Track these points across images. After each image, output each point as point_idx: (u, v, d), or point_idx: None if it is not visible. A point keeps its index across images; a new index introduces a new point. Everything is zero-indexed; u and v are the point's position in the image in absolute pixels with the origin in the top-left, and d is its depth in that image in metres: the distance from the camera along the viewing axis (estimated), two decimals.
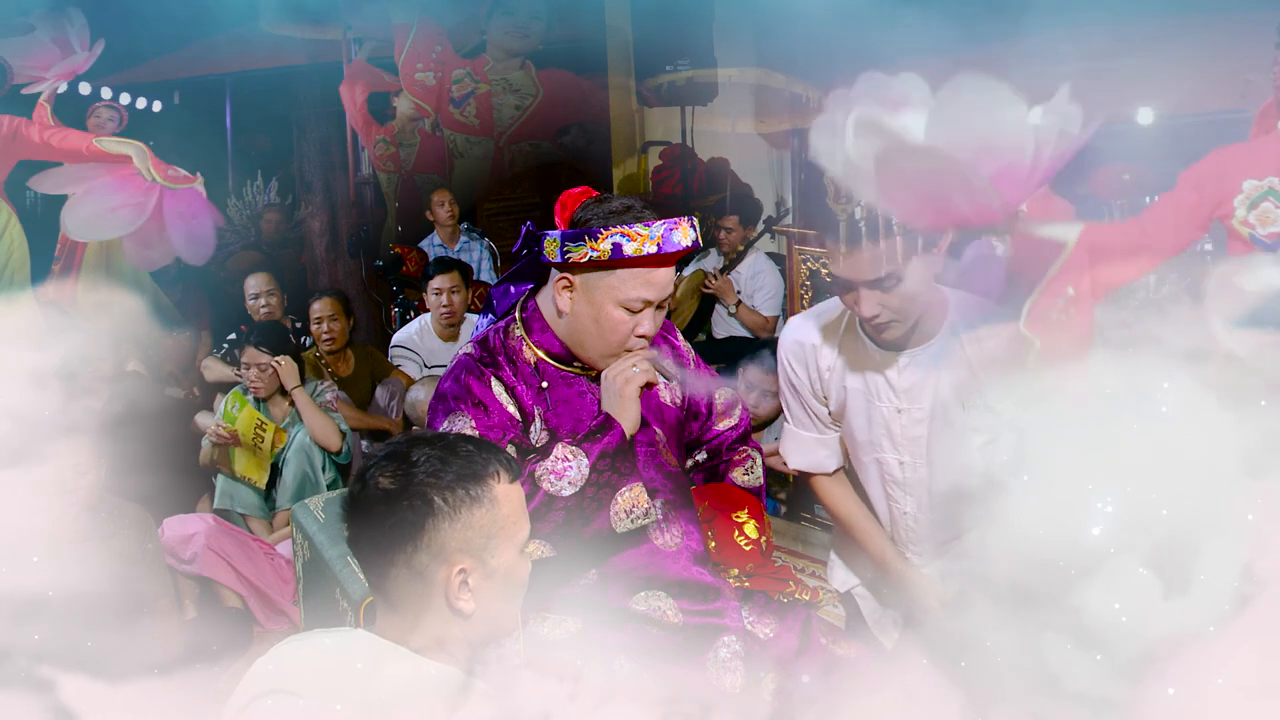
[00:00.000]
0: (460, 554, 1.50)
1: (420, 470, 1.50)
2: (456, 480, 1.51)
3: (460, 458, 1.53)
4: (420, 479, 1.50)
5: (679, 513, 2.23)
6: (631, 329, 2.08)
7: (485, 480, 1.52)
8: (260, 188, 6.74)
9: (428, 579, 1.50)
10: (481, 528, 1.51)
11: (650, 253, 2.01)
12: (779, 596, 2.28)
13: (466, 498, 1.50)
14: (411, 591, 1.51)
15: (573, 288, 2.09)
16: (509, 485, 1.56)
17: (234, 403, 4.04)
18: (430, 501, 1.49)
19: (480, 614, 1.53)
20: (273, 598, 3.69)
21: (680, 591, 2.17)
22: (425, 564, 1.50)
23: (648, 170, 6.42)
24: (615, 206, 2.05)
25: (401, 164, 6.72)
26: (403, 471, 1.51)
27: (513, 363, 2.14)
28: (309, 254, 6.72)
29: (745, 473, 2.41)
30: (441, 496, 1.49)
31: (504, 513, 1.54)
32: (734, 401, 2.45)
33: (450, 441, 1.56)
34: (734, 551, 2.27)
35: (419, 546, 1.49)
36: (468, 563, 1.50)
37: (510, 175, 6.84)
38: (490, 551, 1.52)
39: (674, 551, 2.20)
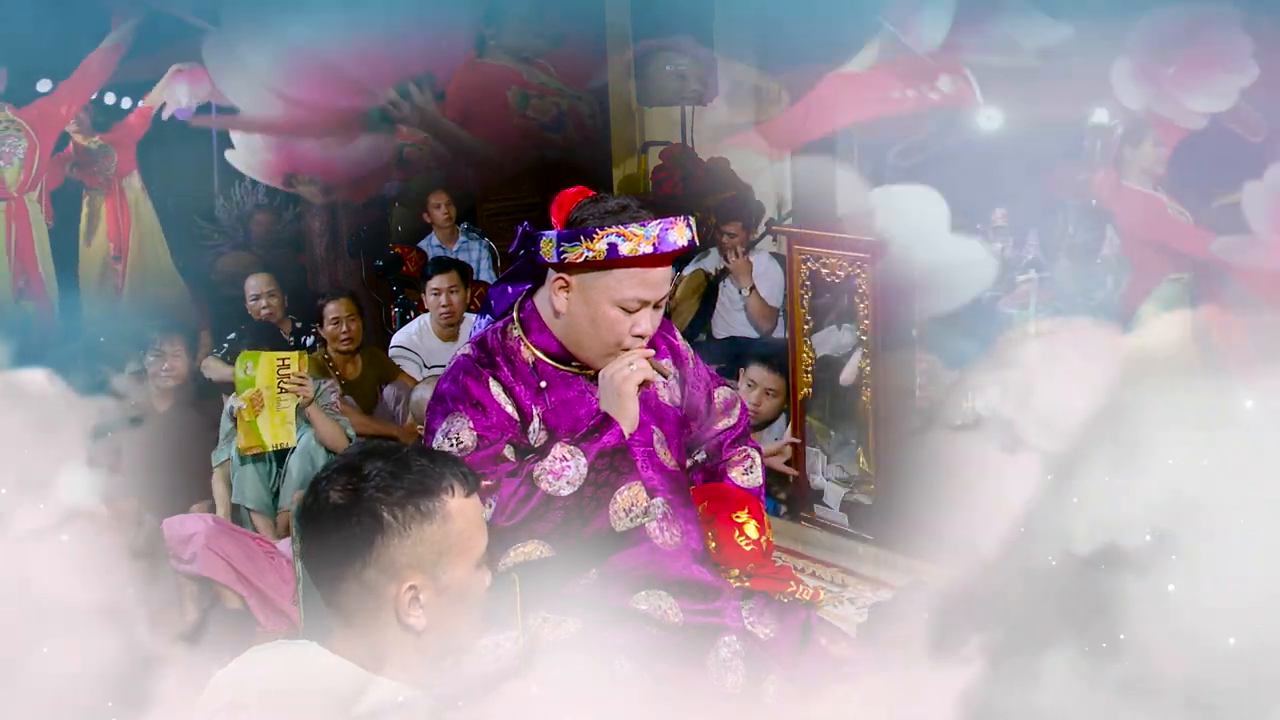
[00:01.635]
0: (411, 570, 1.47)
1: (370, 485, 1.47)
2: (407, 496, 1.47)
3: (412, 472, 1.49)
4: (370, 494, 1.47)
5: (679, 512, 2.23)
6: (629, 329, 2.08)
7: (438, 495, 1.49)
8: (248, 188, 6.73)
9: (378, 594, 1.47)
10: (433, 543, 1.48)
11: (646, 252, 2.01)
12: (779, 597, 2.28)
13: (417, 514, 1.47)
14: (363, 606, 1.49)
15: (569, 288, 2.09)
16: (463, 500, 1.52)
17: (245, 364, 3.97)
18: (379, 517, 1.46)
19: (433, 630, 1.50)
20: (273, 598, 3.69)
21: (681, 591, 2.17)
22: (375, 579, 1.47)
23: (648, 170, 6.42)
24: (611, 206, 2.05)
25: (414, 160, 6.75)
26: (353, 485, 1.48)
27: (511, 363, 2.14)
28: (309, 254, 6.71)
29: (744, 473, 2.41)
30: (391, 512, 1.46)
31: (457, 528, 1.50)
32: (733, 401, 2.45)
33: (403, 455, 1.53)
34: (735, 551, 2.27)
35: (368, 562, 1.46)
36: (418, 579, 1.47)
37: (510, 175, 6.84)
38: (442, 567, 1.49)
39: (674, 550, 2.20)
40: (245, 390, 3.94)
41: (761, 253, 5.33)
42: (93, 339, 5.15)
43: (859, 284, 3.71)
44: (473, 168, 6.71)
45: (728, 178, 6.08)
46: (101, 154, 6.23)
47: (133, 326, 4.73)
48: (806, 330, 3.91)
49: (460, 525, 1.51)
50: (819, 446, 4.01)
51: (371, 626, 1.50)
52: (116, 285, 6.19)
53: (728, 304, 5.33)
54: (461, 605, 1.53)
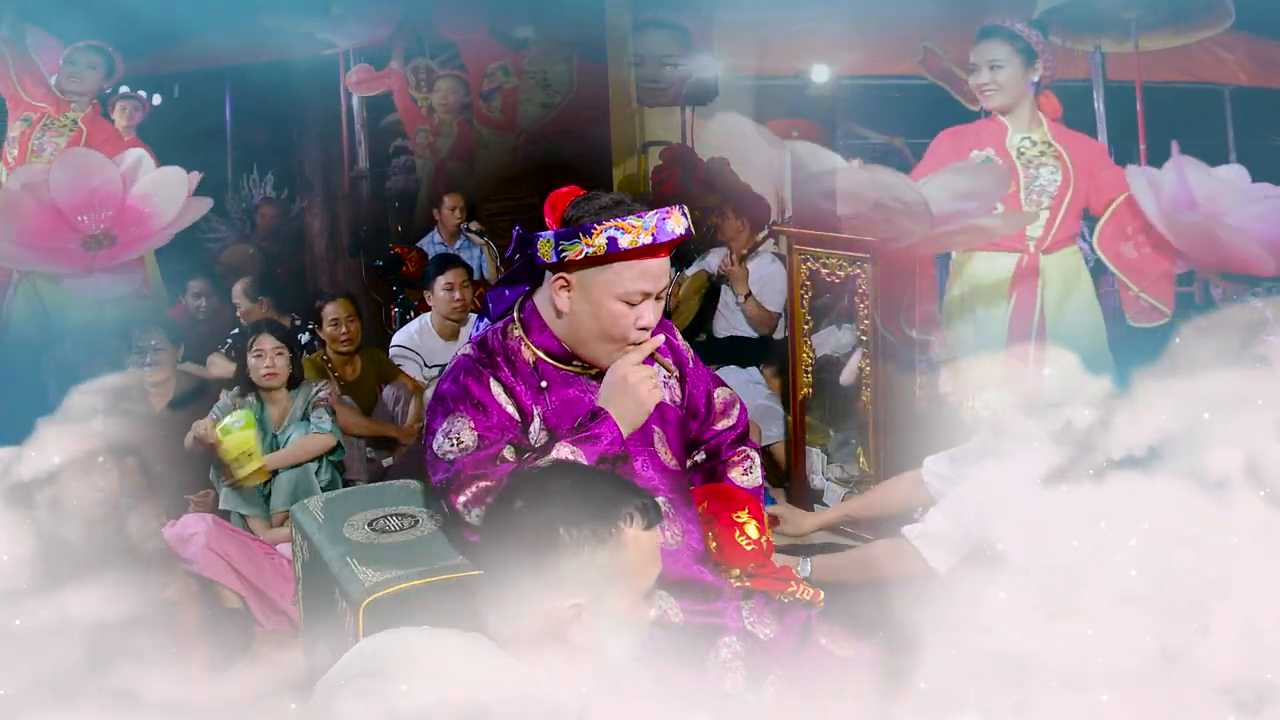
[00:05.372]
0: (577, 589, 1.52)
1: (554, 500, 1.53)
2: (586, 517, 1.53)
3: (595, 495, 1.55)
4: (552, 509, 1.53)
5: (679, 511, 2.23)
6: (633, 322, 2.09)
7: (615, 522, 1.54)
8: (255, 181, 6.75)
9: (543, 605, 1.53)
10: (603, 568, 1.53)
11: (645, 243, 2.02)
12: (779, 597, 2.28)
13: (592, 536, 1.52)
14: (525, 609, 1.54)
15: (570, 287, 2.09)
16: (641, 531, 1.57)
17: (239, 419, 3.98)
18: (555, 533, 1.51)
19: (590, 649, 1.54)
20: (273, 598, 3.69)
21: (681, 591, 2.17)
22: (542, 590, 1.52)
23: (648, 170, 6.42)
24: (605, 202, 2.07)
25: (437, 153, 6.75)
26: (539, 497, 1.54)
27: (511, 363, 2.15)
28: (309, 254, 6.72)
29: (744, 473, 2.41)
30: (567, 531, 1.52)
31: (629, 557, 1.55)
32: (732, 401, 2.45)
33: (590, 478, 1.60)
34: (735, 551, 2.27)
35: (539, 573, 1.52)
36: (584, 599, 1.52)
37: (510, 175, 6.85)
38: (609, 592, 1.54)
39: (675, 550, 2.20)
40: (219, 433, 3.92)
41: (764, 254, 5.32)
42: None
43: (859, 284, 3.71)
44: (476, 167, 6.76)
45: (728, 178, 6.08)
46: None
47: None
48: (806, 330, 3.91)
49: (633, 555, 1.56)
50: (819, 446, 4.02)
51: (531, 629, 1.54)
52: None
53: (729, 304, 5.33)
54: (621, 631, 1.57)
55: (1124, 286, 3.84)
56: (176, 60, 6.35)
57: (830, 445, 4.03)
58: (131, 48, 5.82)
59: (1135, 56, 4.04)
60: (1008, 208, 3.85)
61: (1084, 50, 4.15)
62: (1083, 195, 3.84)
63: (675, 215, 2.06)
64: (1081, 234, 3.94)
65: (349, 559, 2.47)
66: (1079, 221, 3.91)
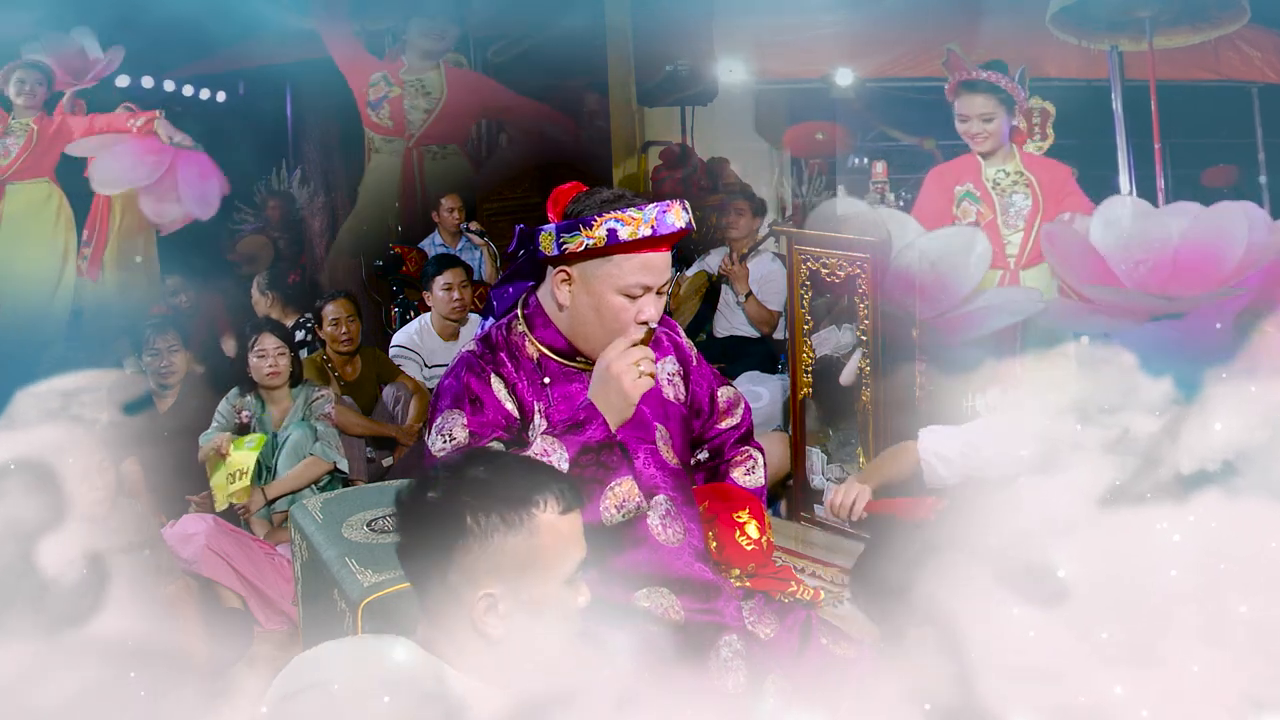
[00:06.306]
0: (490, 578, 1.47)
1: (464, 488, 1.49)
2: (495, 503, 1.48)
3: (507, 481, 1.50)
4: (461, 497, 1.48)
5: (681, 510, 2.22)
6: (634, 315, 2.08)
7: (527, 508, 1.49)
8: (283, 176, 6.82)
9: (459, 598, 1.48)
10: (516, 555, 1.48)
11: (645, 235, 2.02)
12: (780, 597, 2.27)
13: (500, 523, 1.48)
14: (445, 607, 1.50)
15: (571, 280, 2.09)
16: (557, 515, 1.51)
17: (254, 440, 3.98)
18: (463, 520, 1.47)
19: (512, 640, 1.49)
20: (273, 598, 3.69)
21: (682, 589, 2.17)
22: (456, 583, 1.48)
23: (648, 170, 6.43)
24: (607, 196, 2.07)
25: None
26: (449, 486, 1.50)
27: (515, 358, 2.15)
28: (309, 254, 6.73)
29: (746, 473, 2.40)
30: (474, 518, 1.47)
31: (545, 543, 1.49)
32: (735, 400, 2.44)
33: (506, 464, 1.54)
34: (736, 551, 2.27)
35: (450, 564, 1.47)
36: (497, 589, 1.47)
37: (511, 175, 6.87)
38: (526, 580, 1.48)
39: (676, 548, 2.19)
40: (234, 449, 3.95)
41: (764, 254, 5.32)
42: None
43: (859, 284, 3.71)
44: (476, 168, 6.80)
45: (728, 178, 6.09)
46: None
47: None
48: (806, 330, 3.91)
49: (549, 540, 1.50)
50: (819, 446, 4.01)
51: (451, 627, 1.50)
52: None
53: (729, 304, 5.33)
54: (544, 620, 1.51)
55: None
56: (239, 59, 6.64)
57: (830, 445, 4.03)
58: (198, 47, 6.27)
59: (1150, 55, 4.25)
60: (987, 234, 4.27)
61: (1101, 49, 4.25)
62: (1052, 216, 4.29)
63: (676, 209, 2.05)
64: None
65: (348, 559, 2.48)
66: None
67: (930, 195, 4.44)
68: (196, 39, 6.09)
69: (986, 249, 4.25)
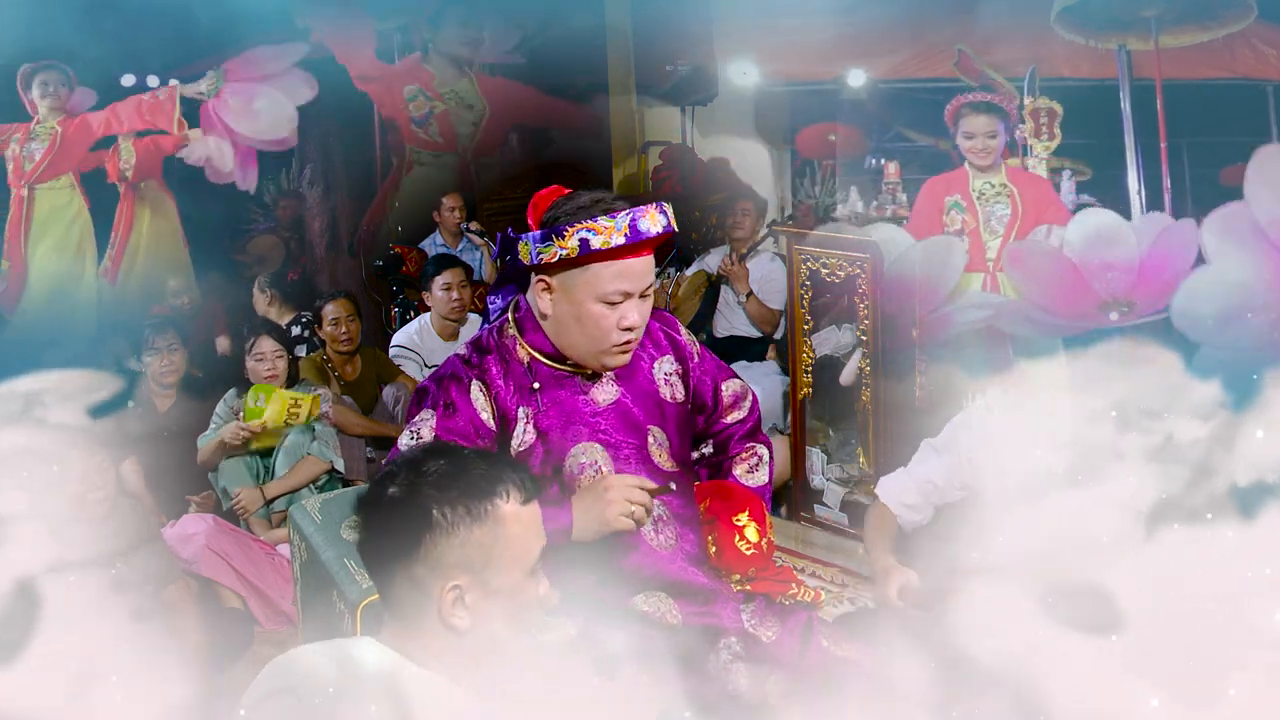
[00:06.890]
0: (457, 570, 1.48)
1: (426, 482, 1.49)
2: (459, 496, 1.49)
3: (469, 473, 1.51)
4: (424, 491, 1.49)
5: (675, 514, 2.21)
6: (616, 322, 2.07)
7: (490, 498, 1.50)
8: (293, 175, 6.83)
9: (425, 591, 1.49)
10: (481, 546, 1.49)
11: (619, 244, 1.99)
12: (780, 599, 2.27)
13: (466, 514, 1.49)
14: (411, 602, 1.50)
15: (551, 289, 2.08)
16: (519, 506, 1.53)
17: (257, 396, 3.99)
18: (429, 514, 1.48)
19: (479, 632, 1.51)
20: (273, 598, 3.69)
21: (679, 592, 2.16)
22: (423, 576, 1.49)
23: (648, 170, 6.42)
24: (583, 201, 2.04)
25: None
26: (410, 481, 1.50)
27: (505, 362, 2.14)
28: (309, 254, 6.72)
29: (749, 471, 2.38)
30: (440, 511, 1.48)
31: (509, 533, 1.51)
32: (742, 394, 2.41)
33: (464, 456, 1.55)
34: (735, 556, 2.25)
35: (416, 558, 1.48)
36: (464, 580, 1.49)
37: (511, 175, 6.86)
38: (492, 571, 1.50)
39: (669, 553, 2.19)
40: (252, 419, 3.95)
41: (764, 253, 5.32)
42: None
43: (859, 284, 3.71)
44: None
45: (728, 178, 6.08)
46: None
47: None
48: (806, 330, 3.91)
49: (513, 531, 1.52)
50: (819, 446, 4.01)
51: (418, 622, 1.51)
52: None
53: (729, 303, 5.33)
54: (510, 611, 1.53)
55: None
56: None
57: (830, 445, 4.02)
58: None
59: (1156, 54, 4.34)
60: (970, 240, 4.60)
61: (1108, 48, 4.28)
62: (1030, 224, 4.60)
63: (651, 213, 2.02)
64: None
65: (346, 561, 2.48)
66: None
67: (924, 205, 4.71)
68: (202, 38, 6.10)
69: (963, 255, 4.54)
